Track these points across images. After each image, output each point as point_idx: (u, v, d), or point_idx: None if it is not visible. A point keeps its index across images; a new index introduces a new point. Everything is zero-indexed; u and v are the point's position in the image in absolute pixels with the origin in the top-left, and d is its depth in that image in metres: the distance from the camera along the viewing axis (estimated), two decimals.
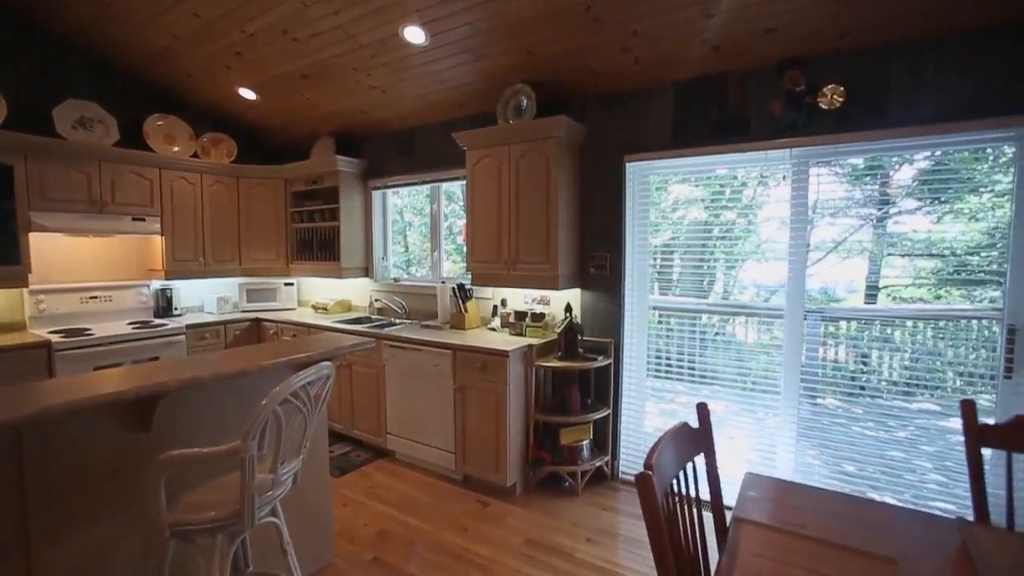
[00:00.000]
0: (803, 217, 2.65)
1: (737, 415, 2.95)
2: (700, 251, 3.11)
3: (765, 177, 2.90)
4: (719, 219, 3.09)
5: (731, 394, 2.97)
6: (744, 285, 3.48)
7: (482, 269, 3.34)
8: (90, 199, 3.64)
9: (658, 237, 3.26)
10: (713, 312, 3.14)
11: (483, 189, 3.30)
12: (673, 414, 3.17)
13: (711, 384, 3.03)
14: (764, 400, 2.87)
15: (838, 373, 2.73)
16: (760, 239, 3.01)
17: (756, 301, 3.26)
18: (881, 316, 2.61)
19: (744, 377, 2.95)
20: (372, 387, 3.60)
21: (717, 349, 3.10)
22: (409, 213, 5.00)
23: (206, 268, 4.32)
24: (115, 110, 3.89)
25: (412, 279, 4.41)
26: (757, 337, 3.07)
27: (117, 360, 3.51)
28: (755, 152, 2.70)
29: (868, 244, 2.87)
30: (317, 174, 4.31)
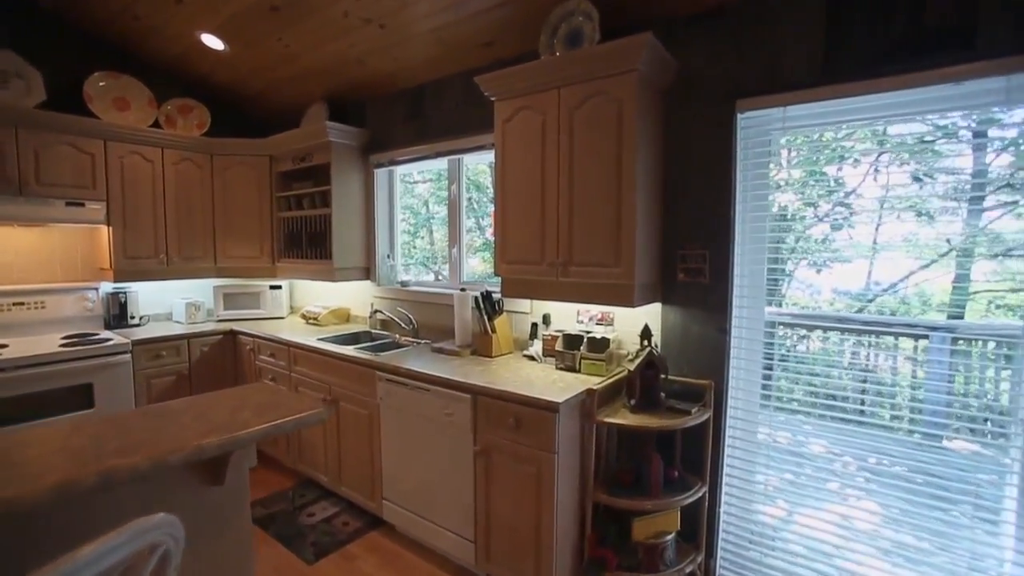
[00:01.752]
0: None
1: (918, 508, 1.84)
2: (850, 242, 2.01)
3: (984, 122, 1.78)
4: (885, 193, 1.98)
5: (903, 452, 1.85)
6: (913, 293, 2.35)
7: (516, 273, 2.32)
8: (4, 176, 2.78)
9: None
10: (877, 330, 2.03)
11: (519, 157, 2.27)
12: (800, 494, 2.07)
13: (870, 434, 1.92)
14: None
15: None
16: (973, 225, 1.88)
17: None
18: None
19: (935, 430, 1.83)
20: (363, 432, 2.63)
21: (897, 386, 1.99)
22: (436, 204, 4.02)
23: (169, 267, 3.44)
24: (46, 65, 3.03)
25: (423, 283, 3.42)
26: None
27: (31, 389, 2.65)
28: (978, 80, 1.59)
29: None
30: (305, 148, 3.37)
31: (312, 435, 2.94)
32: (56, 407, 2.75)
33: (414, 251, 3.96)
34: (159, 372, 3.15)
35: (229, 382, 3.48)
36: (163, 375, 3.17)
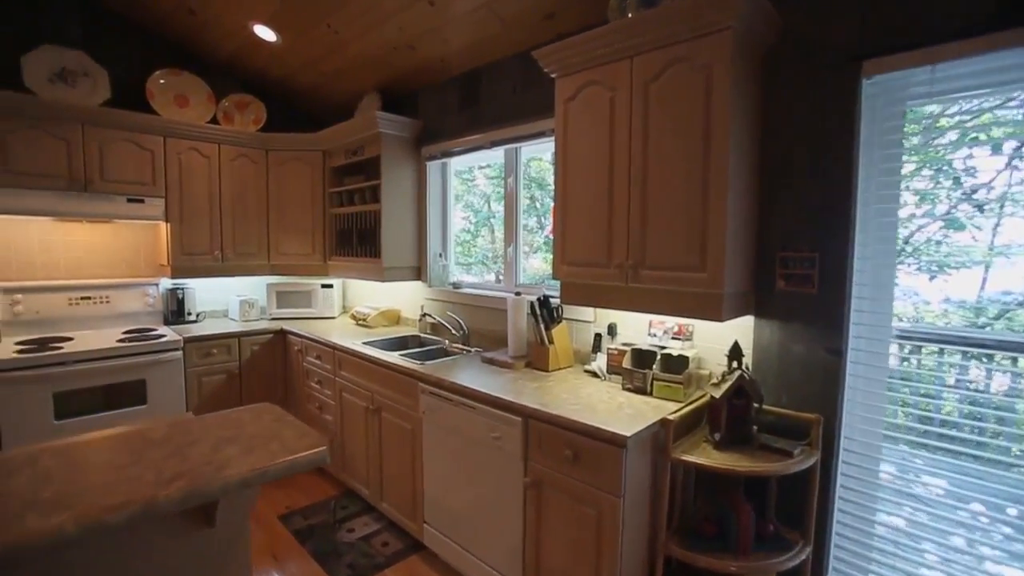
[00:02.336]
0: None
1: None
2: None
3: None
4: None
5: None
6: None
7: (578, 277, 2.00)
8: (70, 174, 2.81)
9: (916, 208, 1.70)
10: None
11: (583, 141, 1.95)
12: (945, 561, 1.60)
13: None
14: None
15: None
16: None
17: None
18: None
19: None
20: (406, 447, 2.41)
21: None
22: (497, 202, 3.78)
23: (224, 264, 3.41)
24: (113, 64, 3.07)
25: (475, 285, 3.17)
26: None
27: (90, 383, 2.66)
28: None
29: None
30: (357, 141, 3.22)
31: (354, 444, 2.77)
32: (112, 402, 2.75)
33: (474, 250, 3.73)
34: (210, 370, 3.11)
35: (279, 383, 3.41)
36: (213, 373, 3.13)
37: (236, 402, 3.21)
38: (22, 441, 2.51)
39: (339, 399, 2.89)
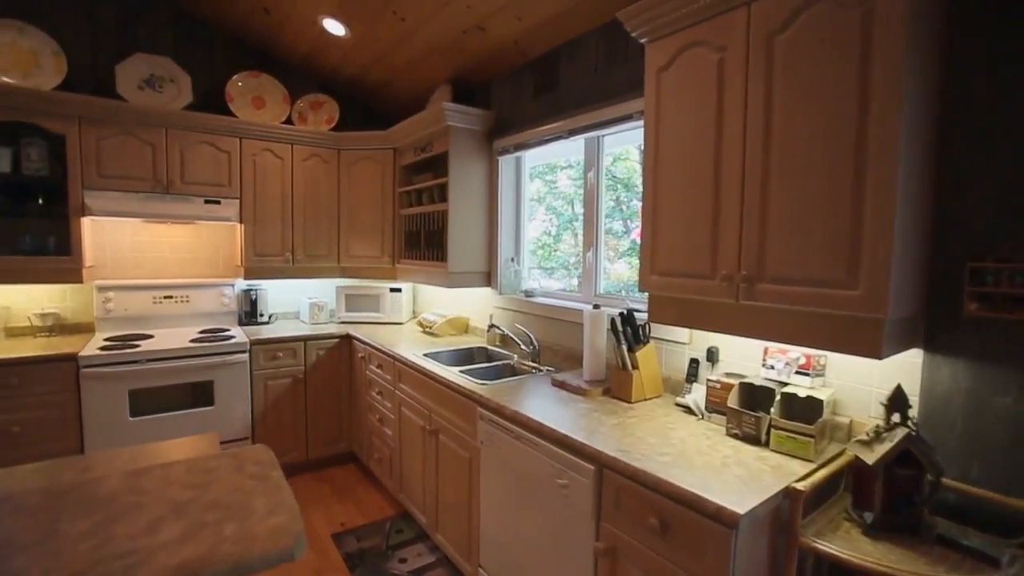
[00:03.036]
0: None
1: None
2: None
3: None
4: None
5: None
6: None
7: (671, 290, 1.60)
8: (154, 176, 2.87)
9: None
10: None
11: (680, 121, 1.55)
12: None
13: None
14: None
15: None
16: None
17: None
18: None
19: None
20: (462, 477, 2.13)
21: None
22: (582, 204, 3.44)
23: (294, 266, 3.36)
24: (198, 69, 3.12)
25: (549, 294, 2.83)
26: None
27: (162, 382, 2.67)
28: None
29: None
30: (426, 136, 3.02)
31: (412, 465, 2.55)
32: (182, 402, 2.75)
33: (556, 255, 3.40)
34: (276, 374, 3.05)
35: (343, 391, 3.29)
36: (279, 377, 3.06)
37: (301, 408, 3.13)
38: (102, 436, 2.56)
39: (398, 414, 2.69)
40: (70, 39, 2.83)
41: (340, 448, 3.31)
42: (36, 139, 2.66)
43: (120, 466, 1.19)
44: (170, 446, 1.45)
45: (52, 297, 2.91)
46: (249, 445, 2.35)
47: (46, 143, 2.68)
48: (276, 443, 3.07)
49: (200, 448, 1.36)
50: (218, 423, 2.84)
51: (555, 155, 2.83)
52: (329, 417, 3.25)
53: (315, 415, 3.20)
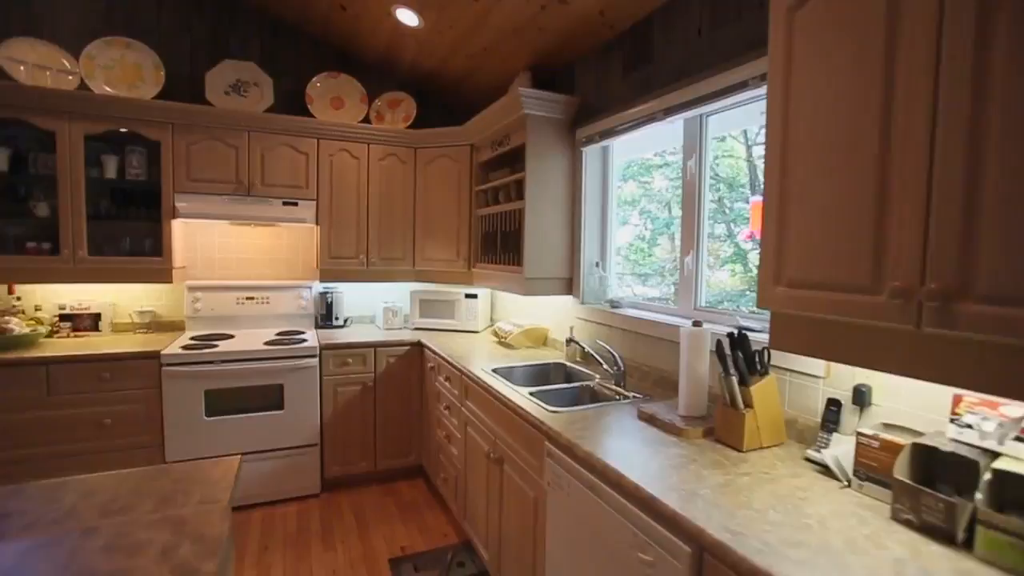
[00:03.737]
0: None
1: None
2: None
3: None
4: None
5: None
6: None
7: (807, 305, 1.15)
8: (237, 179, 2.90)
9: None
10: None
11: (822, 77, 1.10)
12: None
13: None
14: None
15: None
16: None
17: None
18: None
19: None
20: (527, 518, 1.81)
21: None
22: (679, 205, 3.00)
23: (368, 269, 3.26)
24: (282, 73, 3.15)
25: (639, 305, 2.42)
26: None
27: (235, 383, 2.66)
28: None
29: None
30: (503, 128, 2.76)
31: (476, 492, 2.27)
32: (253, 405, 2.73)
33: (650, 259, 2.99)
34: (345, 380, 2.95)
35: (414, 401, 3.12)
36: (349, 384, 2.96)
37: (369, 417, 3.01)
38: (179, 433, 2.59)
39: (464, 433, 2.43)
40: (169, 51, 2.96)
41: (409, 461, 3.14)
42: (137, 147, 2.79)
43: (61, 507, 1.02)
44: (168, 474, 1.29)
45: (150, 296, 3.05)
46: (312, 453, 2.17)
47: (145, 150, 2.80)
48: (343, 452, 2.96)
49: (211, 476, 1.18)
50: (287, 428, 2.78)
51: (647, 146, 2.42)
52: (398, 428, 3.10)
53: (384, 425, 3.06)
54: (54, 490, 1.12)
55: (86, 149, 2.63)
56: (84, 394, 2.47)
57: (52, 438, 2.43)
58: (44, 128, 2.55)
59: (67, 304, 2.82)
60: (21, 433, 2.39)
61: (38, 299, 2.82)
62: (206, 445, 2.63)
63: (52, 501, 1.07)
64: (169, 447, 2.58)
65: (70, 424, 2.45)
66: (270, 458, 2.76)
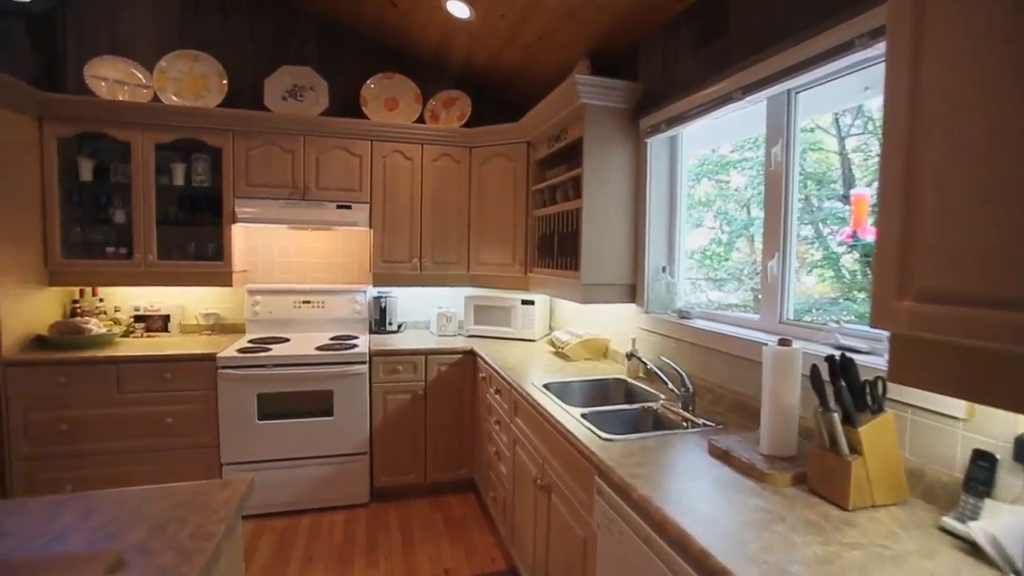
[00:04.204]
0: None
1: None
2: None
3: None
4: None
5: None
6: None
7: (944, 325, 0.83)
8: (292, 183, 2.91)
9: None
10: None
11: (981, 23, 0.79)
12: None
13: None
14: None
15: None
16: None
17: None
18: None
19: None
20: (575, 558, 1.57)
21: None
22: (760, 205, 2.66)
23: (422, 273, 3.17)
24: (339, 76, 3.15)
25: (712, 315, 2.10)
26: None
27: (286, 388, 2.65)
28: None
29: None
30: (560, 121, 2.55)
31: (523, 517, 2.07)
32: (303, 410, 2.71)
33: (725, 263, 2.66)
34: (395, 388, 2.86)
35: (466, 413, 2.98)
36: (399, 392, 2.87)
37: (420, 427, 2.90)
38: (234, 435, 2.61)
39: (513, 452, 2.24)
40: (234, 61, 3.03)
41: (460, 475, 2.99)
42: (202, 154, 2.87)
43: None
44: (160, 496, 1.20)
45: (214, 299, 3.14)
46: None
47: (209, 157, 2.87)
48: (393, 462, 2.87)
49: (213, 501, 1.07)
50: (336, 435, 2.73)
51: (721, 137, 2.13)
52: (449, 440, 2.96)
53: (434, 436, 2.94)
54: (56, 507, 1.05)
55: (157, 158, 2.74)
56: (149, 393, 2.54)
57: (120, 434, 2.53)
58: (120, 139, 2.68)
59: (141, 306, 2.96)
60: (94, 428, 2.50)
61: (118, 301, 2.98)
62: (258, 448, 2.63)
63: (49, 520, 1.00)
64: (224, 449, 2.60)
65: (136, 421, 2.54)
66: (320, 464, 2.72)
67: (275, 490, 2.67)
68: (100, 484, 2.51)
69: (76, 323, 2.60)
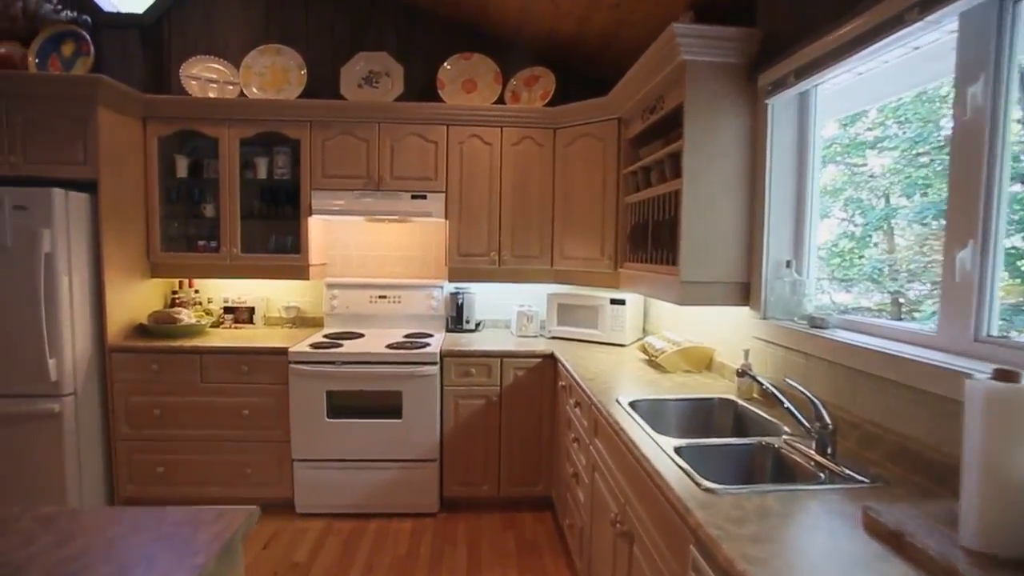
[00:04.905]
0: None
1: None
2: None
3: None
4: None
5: None
6: None
7: None
8: (367, 173, 2.81)
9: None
10: None
11: None
12: None
13: None
14: None
15: None
16: None
17: None
18: None
19: None
20: None
21: None
22: (903, 191, 2.05)
23: (500, 267, 2.92)
24: (417, 60, 3.00)
25: (857, 325, 1.58)
26: None
27: (355, 387, 2.56)
28: None
29: None
30: (655, 90, 2.15)
31: (601, 554, 1.72)
32: (372, 410, 2.59)
33: (859, 261, 2.10)
34: (468, 393, 2.64)
35: (544, 423, 2.68)
36: (471, 396, 2.64)
37: (494, 436, 2.66)
38: (304, 431, 2.56)
39: (591, 479, 1.90)
40: (315, 52, 3.00)
41: (536, 491, 2.70)
42: (283, 147, 2.86)
43: None
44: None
45: (296, 292, 3.15)
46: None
47: (289, 150, 2.86)
48: (464, 472, 2.66)
49: (195, 539, 0.87)
50: (405, 439, 2.58)
51: (870, 95, 1.59)
52: (525, 452, 2.68)
53: (509, 447, 2.67)
54: (44, 526, 0.93)
55: (242, 153, 2.77)
56: (228, 384, 2.57)
57: (204, 422, 2.58)
58: (210, 135, 2.74)
59: (229, 298, 3.04)
60: (180, 414, 2.57)
61: (211, 292, 3.09)
62: (327, 447, 2.56)
63: (26, 543, 0.88)
64: (295, 444, 2.56)
65: (217, 411, 2.58)
66: (388, 468, 2.59)
67: (343, 491, 2.58)
68: (187, 469, 2.59)
69: (170, 313, 2.70)
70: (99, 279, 2.49)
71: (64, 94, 2.41)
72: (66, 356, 2.36)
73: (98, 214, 2.46)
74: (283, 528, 2.51)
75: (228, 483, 2.60)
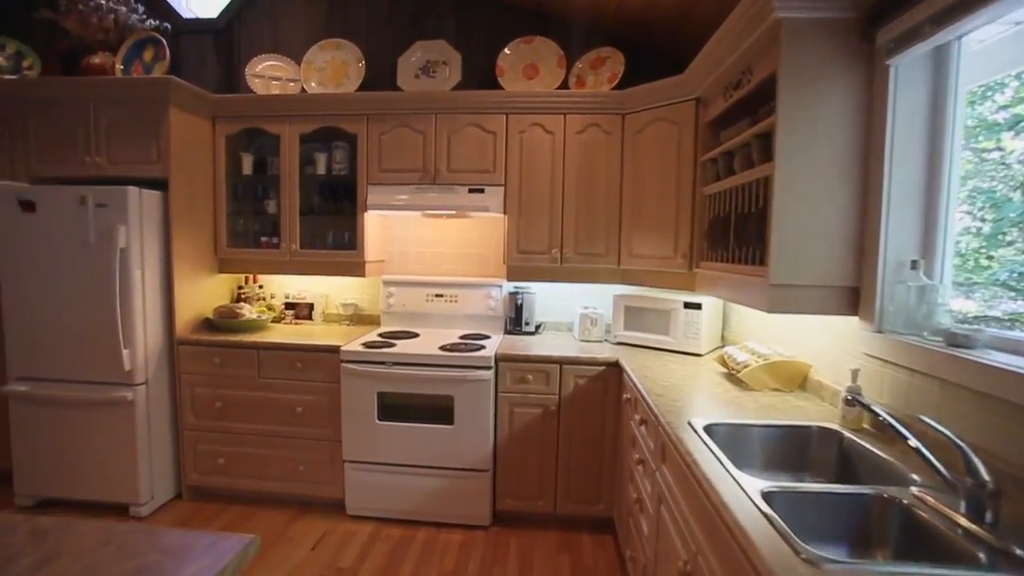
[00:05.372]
0: None
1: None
2: None
3: None
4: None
5: None
6: None
7: None
8: (423, 166, 2.70)
9: None
10: None
11: None
12: None
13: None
14: None
15: None
16: None
17: None
18: None
19: None
20: None
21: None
22: None
23: (562, 266, 2.71)
24: (477, 47, 2.86)
25: (1004, 350, 1.20)
26: None
27: (405, 388, 2.46)
28: None
29: None
30: (739, 60, 1.83)
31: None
32: (423, 414, 2.48)
33: (989, 263, 1.67)
34: (523, 401, 2.46)
35: (606, 438, 2.44)
36: (527, 405, 2.46)
37: (551, 448, 2.46)
38: (354, 432, 2.51)
39: (656, 510, 1.65)
40: (374, 45, 2.94)
41: (596, 511, 2.47)
42: (341, 142, 2.83)
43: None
44: None
45: (354, 289, 3.12)
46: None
47: (347, 145, 2.82)
48: (518, 485, 2.48)
49: (182, 571, 0.76)
50: (456, 446, 2.44)
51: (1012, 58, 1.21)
52: (585, 468, 2.46)
53: (568, 461, 2.46)
54: (35, 541, 0.86)
55: (302, 149, 2.76)
56: (283, 380, 2.56)
57: (259, 416, 2.59)
58: (272, 132, 2.76)
59: (290, 294, 3.07)
60: (239, 408, 2.60)
61: (274, 288, 3.14)
62: (377, 449, 2.48)
63: (10, 561, 0.79)
64: (346, 445, 2.50)
65: (273, 406, 2.58)
66: (439, 476, 2.46)
67: (393, 495, 2.49)
68: (246, 462, 2.61)
69: (232, 308, 2.75)
70: (169, 274, 2.58)
71: (139, 96, 2.50)
72: (138, 347, 2.45)
73: (168, 211, 2.54)
74: (333, 529, 2.47)
75: (283, 479, 2.60)
